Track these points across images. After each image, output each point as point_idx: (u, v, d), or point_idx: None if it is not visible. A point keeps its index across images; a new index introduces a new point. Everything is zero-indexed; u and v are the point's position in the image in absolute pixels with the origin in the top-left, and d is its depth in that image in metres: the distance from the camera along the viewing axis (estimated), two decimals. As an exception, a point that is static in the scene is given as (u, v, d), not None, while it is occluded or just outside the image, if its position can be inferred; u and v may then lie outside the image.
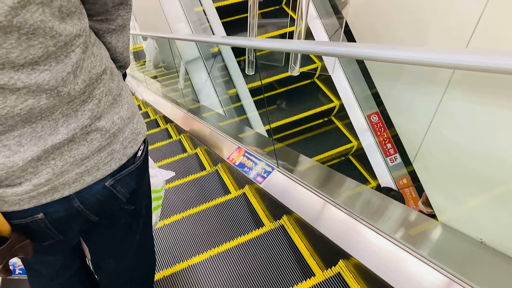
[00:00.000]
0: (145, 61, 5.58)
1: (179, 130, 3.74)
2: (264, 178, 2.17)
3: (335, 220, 1.65)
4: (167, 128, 3.98)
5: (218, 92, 3.81)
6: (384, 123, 3.42)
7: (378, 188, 2.90)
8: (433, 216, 2.46)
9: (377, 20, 1.96)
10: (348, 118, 3.50)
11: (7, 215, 0.79)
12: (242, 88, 3.79)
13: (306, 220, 1.75)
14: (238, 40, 2.62)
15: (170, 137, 3.79)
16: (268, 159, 2.30)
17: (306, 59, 4.08)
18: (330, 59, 3.58)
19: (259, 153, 2.43)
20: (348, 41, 2.66)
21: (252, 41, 2.43)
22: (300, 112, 3.99)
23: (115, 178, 0.90)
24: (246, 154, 2.48)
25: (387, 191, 2.59)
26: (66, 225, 0.89)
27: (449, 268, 1.25)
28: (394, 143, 3.31)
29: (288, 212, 1.93)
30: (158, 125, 4.35)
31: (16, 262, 1.61)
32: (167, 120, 4.22)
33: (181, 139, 3.49)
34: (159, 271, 1.78)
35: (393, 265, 1.36)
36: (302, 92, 4.22)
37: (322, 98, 4.14)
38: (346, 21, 2.48)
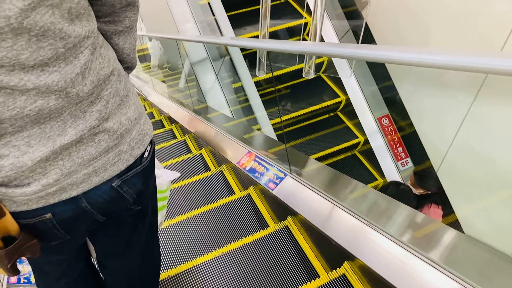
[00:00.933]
0: (150, 63, 5.60)
1: (184, 131, 3.74)
2: (277, 184, 2.08)
3: (373, 243, 1.48)
4: (171, 129, 3.99)
5: (226, 94, 3.75)
6: (395, 126, 3.40)
7: (387, 184, 2.85)
8: (427, 196, 2.39)
9: (404, 21, 1.90)
10: (355, 113, 3.48)
11: (16, 215, 0.80)
12: (251, 89, 3.72)
13: (330, 236, 1.60)
14: (249, 42, 2.51)
15: (175, 137, 3.80)
16: (280, 164, 2.22)
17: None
18: (346, 62, 3.52)
19: (270, 158, 2.34)
20: (363, 42, 2.63)
21: (264, 43, 2.29)
22: (306, 106, 3.95)
23: (122, 178, 0.90)
24: (257, 159, 2.39)
25: (395, 185, 2.56)
26: (73, 225, 0.90)
27: (464, 276, 1.21)
28: (405, 147, 3.30)
29: (303, 222, 1.82)
30: (163, 126, 4.37)
31: (21, 271, 1.62)
32: (171, 120, 4.23)
33: (186, 139, 3.50)
34: (164, 271, 1.79)
35: (405, 271, 1.33)
36: (308, 87, 4.18)
37: (328, 92, 4.10)
38: (365, 22, 2.44)
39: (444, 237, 1.45)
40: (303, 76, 2.54)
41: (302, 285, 1.62)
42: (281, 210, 2.00)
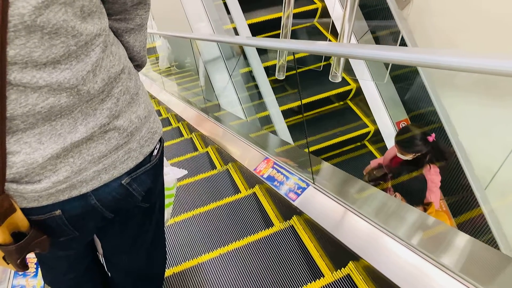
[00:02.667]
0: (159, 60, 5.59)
1: (191, 129, 3.75)
2: (298, 195, 1.94)
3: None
4: (178, 127, 4.00)
5: (239, 94, 3.60)
6: None
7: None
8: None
9: (454, 23, 1.73)
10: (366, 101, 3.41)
11: (26, 211, 0.80)
12: (268, 92, 3.55)
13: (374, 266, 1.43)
14: (268, 42, 2.28)
15: (182, 135, 3.81)
16: (302, 172, 2.08)
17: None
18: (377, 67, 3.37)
19: (290, 165, 2.20)
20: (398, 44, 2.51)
21: (286, 43, 2.07)
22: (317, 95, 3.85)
23: (131, 176, 0.91)
24: (275, 166, 2.24)
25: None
26: (82, 222, 0.91)
27: (478, 283, 1.19)
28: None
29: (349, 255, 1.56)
30: (170, 124, 4.38)
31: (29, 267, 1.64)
32: (178, 118, 4.24)
33: (192, 137, 3.50)
34: (169, 268, 1.80)
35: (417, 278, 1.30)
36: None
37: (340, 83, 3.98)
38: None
39: (460, 244, 1.40)
40: (330, 79, 2.40)
41: (306, 284, 1.62)
42: (283, 208, 1.93)
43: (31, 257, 1.55)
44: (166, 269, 1.68)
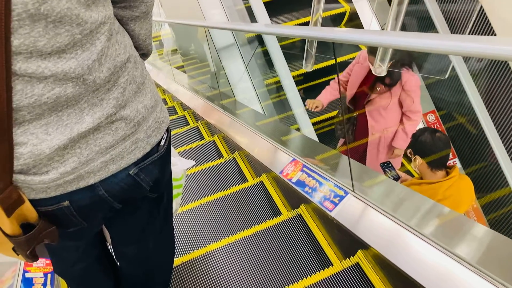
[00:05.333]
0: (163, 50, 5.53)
1: (197, 117, 3.73)
2: (335, 204, 1.69)
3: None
4: (184, 115, 3.99)
5: (257, 89, 3.37)
6: (441, 123, 3.28)
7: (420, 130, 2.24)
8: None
9: None
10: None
11: (34, 203, 0.80)
12: (290, 85, 3.28)
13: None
14: (294, 30, 1.93)
15: (188, 124, 3.80)
16: (337, 177, 1.82)
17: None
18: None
19: (321, 168, 1.92)
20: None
21: (319, 31, 1.73)
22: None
23: (139, 166, 0.90)
24: (305, 169, 1.97)
25: (431, 132, 2.07)
26: (90, 213, 0.90)
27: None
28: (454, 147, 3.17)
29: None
30: (176, 112, 4.37)
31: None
32: (184, 107, 4.22)
33: (199, 126, 3.49)
34: (178, 257, 1.80)
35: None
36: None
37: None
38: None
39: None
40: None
41: (315, 273, 1.62)
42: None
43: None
44: (175, 258, 1.69)
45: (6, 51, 0.61)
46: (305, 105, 2.62)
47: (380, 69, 2.11)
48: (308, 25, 3.15)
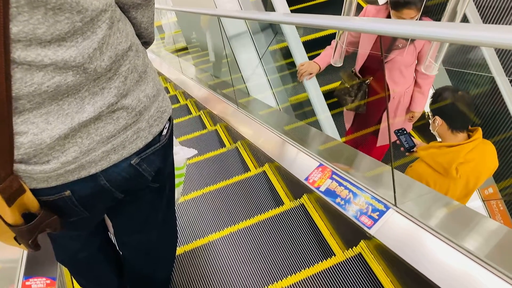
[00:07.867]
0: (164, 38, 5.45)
1: (199, 107, 3.71)
2: (375, 220, 1.47)
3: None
4: (186, 104, 3.97)
5: (279, 92, 3.10)
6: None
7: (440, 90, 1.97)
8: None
9: None
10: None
11: (36, 192, 0.80)
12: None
13: None
14: (322, 20, 1.51)
15: (190, 113, 3.79)
16: (374, 188, 1.59)
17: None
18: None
19: (354, 177, 1.70)
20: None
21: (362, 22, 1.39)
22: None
23: (140, 156, 0.89)
24: (335, 176, 1.76)
25: (452, 90, 1.91)
26: (92, 202, 0.90)
27: None
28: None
29: None
30: (178, 101, 4.35)
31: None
32: (186, 96, 4.20)
33: (201, 115, 3.48)
34: (180, 246, 1.81)
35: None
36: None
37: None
38: None
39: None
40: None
41: (317, 263, 1.62)
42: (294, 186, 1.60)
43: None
44: (177, 248, 1.70)
45: (4, 38, 0.60)
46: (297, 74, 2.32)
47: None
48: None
